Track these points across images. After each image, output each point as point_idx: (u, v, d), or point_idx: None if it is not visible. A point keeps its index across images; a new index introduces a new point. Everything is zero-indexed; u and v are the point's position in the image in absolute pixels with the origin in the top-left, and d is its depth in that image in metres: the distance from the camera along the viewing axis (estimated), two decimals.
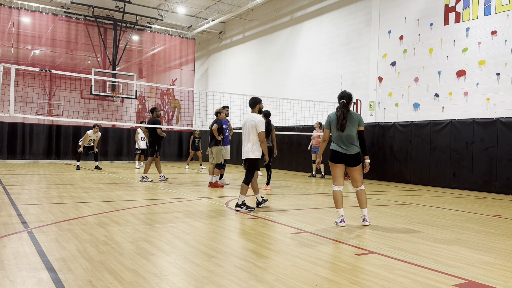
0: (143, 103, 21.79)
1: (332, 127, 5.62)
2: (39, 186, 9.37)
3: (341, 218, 5.57)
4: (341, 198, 5.62)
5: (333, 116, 5.63)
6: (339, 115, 5.52)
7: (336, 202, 5.62)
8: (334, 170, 5.66)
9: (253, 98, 6.92)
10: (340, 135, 5.56)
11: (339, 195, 5.60)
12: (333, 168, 5.67)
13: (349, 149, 5.57)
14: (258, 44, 19.64)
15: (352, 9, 14.68)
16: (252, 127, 6.66)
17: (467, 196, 9.63)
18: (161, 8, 20.46)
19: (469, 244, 4.67)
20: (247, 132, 6.72)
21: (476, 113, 10.85)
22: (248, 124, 6.73)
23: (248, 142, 6.70)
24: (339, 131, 5.53)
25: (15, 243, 4.22)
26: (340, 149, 5.57)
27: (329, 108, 14.88)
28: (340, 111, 5.53)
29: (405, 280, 3.34)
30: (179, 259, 3.82)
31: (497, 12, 10.52)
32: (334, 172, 5.66)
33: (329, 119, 5.68)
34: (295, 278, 3.35)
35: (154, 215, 6.07)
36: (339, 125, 5.51)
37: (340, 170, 5.63)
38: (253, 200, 7.55)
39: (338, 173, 5.63)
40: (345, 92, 5.68)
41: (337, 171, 5.64)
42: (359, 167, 5.62)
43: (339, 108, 5.56)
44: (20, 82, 16.30)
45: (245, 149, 6.73)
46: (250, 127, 6.68)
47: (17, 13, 17.86)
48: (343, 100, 5.56)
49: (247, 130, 6.72)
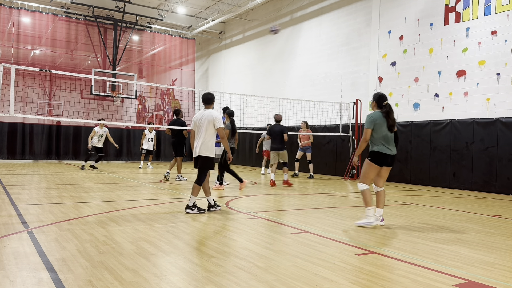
0: (143, 103, 21.79)
1: (378, 127, 5.50)
2: (39, 186, 9.37)
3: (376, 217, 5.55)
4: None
5: (377, 116, 5.52)
6: (389, 116, 5.50)
7: (369, 200, 5.52)
8: (373, 172, 5.58)
9: (209, 94, 6.62)
10: (387, 136, 5.52)
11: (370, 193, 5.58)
12: (374, 170, 5.57)
13: (393, 149, 5.62)
14: (258, 44, 19.64)
15: (352, 9, 14.68)
16: (209, 123, 6.36)
17: (467, 196, 9.63)
18: (161, 8, 20.46)
19: (469, 244, 4.67)
20: (203, 128, 6.37)
21: (476, 113, 10.85)
22: (204, 119, 6.39)
23: (200, 138, 6.38)
24: (389, 131, 5.50)
25: (15, 243, 4.22)
26: (388, 151, 5.53)
27: (329, 108, 14.88)
28: (390, 112, 5.52)
29: (405, 280, 3.34)
30: (179, 259, 3.82)
31: (497, 12, 10.52)
32: (372, 173, 5.58)
33: (372, 119, 5.52)
34: (295, 278, 3.35)
35: (154, 215, 6.07)
36: (390, 126, 5.48)
37: (377, 172, 5.60)
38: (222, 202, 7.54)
39: (374, 175, 5.61)
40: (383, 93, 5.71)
41: (375, 173, 5.59)
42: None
43: (387, 109, 5.53)
44: (20, 82, 16.30)
45: (197, 146, 6.40)
46: (207, 123, 6.36)
47: (17, 13, 17.86)
48: (387, 102, 5.58)
49: (203, 126, 6.37)
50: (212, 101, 6.59)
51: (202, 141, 6.36)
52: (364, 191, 5.56)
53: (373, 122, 5.51)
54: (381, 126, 5.50)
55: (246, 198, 8.30)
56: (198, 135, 6.42)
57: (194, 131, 6.51)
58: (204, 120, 6.39)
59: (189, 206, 6.34)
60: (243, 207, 7.03)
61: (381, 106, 5.62)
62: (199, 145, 6.38)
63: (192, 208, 6.34)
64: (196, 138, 6.45)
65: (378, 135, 5.51)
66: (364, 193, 5.57)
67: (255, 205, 7.30)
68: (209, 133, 6.39)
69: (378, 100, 5.65)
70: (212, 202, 6.58)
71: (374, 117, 5.53)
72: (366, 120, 5.59)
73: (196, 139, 6.45)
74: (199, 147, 6.37)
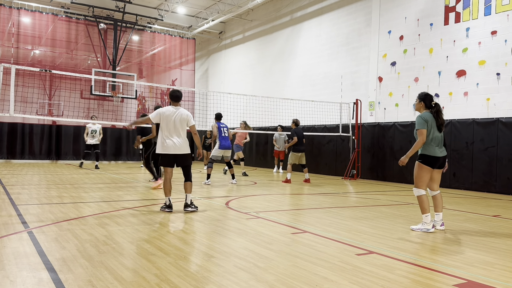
0: (143, 103, 21.79)
1: (430, 128, 5.29)
2: (39, 186, 9.37)
3: (432, 224, 5.34)
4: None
5: (428, 116, 5.33)
6: (439, 115, 5.34)
7: (426, 206, 5.29)
8: (427, 175, 5.35)
9: (178, 91, 6.57)
10: (438, 136, 5.34)
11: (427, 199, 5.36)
12: (427, 173, 5.34)
13: (443, 150, 5.43)
14: (258, 44, 19.64)
15: (352, 9, 14.68)
16: (184, 121, 6.38)
17: (467, 196, 9.63)
18: (161, 8, 20.46)
19: (469, 244, 4.67)
20: (179, 126, 6.33)
21: (476, 113, 10.85)
22: (178, 117, 6.34)
23: (180, 136, 6.36)
24: (438, 132, 5.33)
25: (15, 243, 4.22)
26: (440, 154, 5.34)
27: (329, 108, 14.88)
28: (439, 112, 5.37)
29: (405, 280, 3.34)
30: (179, 259, 3.82)
31: (497, 12, 10.52)
32: (426, 176, 5.34)
33: (424, 119, 5.30)
34: (295, 278, 3.35)
35: (154, 215, 6.07)
36: (439, 125, 5.31)
37: (430, 175, 5.38)
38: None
39: (428, 178, 5.38)
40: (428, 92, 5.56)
41: (428, 176, 5.36)
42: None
43: (437, 108, 5.37)
44: (20, 82, 16.29)
45: (178, 144, 6.32)
46: (181, 121, 6.36)
47: (17, 13, 17.85)
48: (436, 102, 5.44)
49: (178, 123, 6.32)
50: (180, 99, 6.57)
51: (182, 138, 6.38)
52: (421, 197, 5.33)
53: (426, 122, 5.28)
54: (432, 126, 5.31)
55: (246, 198, 8.31)
56: (173, 132, 6.32)
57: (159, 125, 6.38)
58: (178, 117, 6.34)
59: (188, 204, 6.43)
60: (243, 207, 7.03)
61: (429, 106, 5.43)
62: (181, 142, 6.34)
63: (191, 206, 6.44)
64: (170, 135, 6.31)
65: (429, 136, 5.31)
66: (421, 199, 5.33)
67: (255, 205, 7.30)
68: (185, 130, 6.47)
69: (425, 99, 5.45)
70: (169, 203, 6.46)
71: (426, 117, 5.31)
72: (418, 121, 5.32)
73: (171, 136, 6.31)
74: (181, 144, 6.34)
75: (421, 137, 5.28)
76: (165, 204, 6.47)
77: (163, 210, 6.42)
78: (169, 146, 6.30)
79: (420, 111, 5.53)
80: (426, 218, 5.28)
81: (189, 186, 6.53)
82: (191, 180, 6.57)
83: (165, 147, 6.31)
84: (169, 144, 6.30)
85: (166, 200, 6.46)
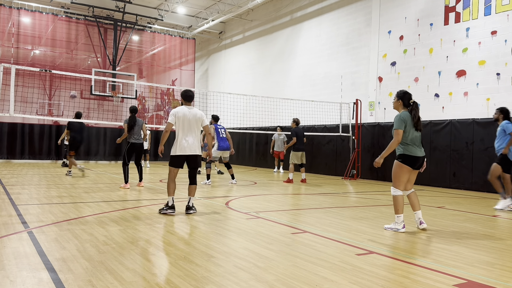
0: (143, 103, 21.79)
1: (409, 128, 5.25)
2: (39, 186, 9.37)
3: (403, 224, 5.31)
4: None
5: (406, 116, 5.26)
6: (415, 114, 5.26)
7: (400, 207, 5.28)
8: (406, 175, 5.32)
9: (191, 91, 6.44)
10: (417, 136, 5.31)
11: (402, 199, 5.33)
12: (406, 173, 5.31)
13: (422, 150, 5.39)
14: (258, 44, 19.64)
15: (352, 9, 14.68)
16: (198, 121, 6.25)
17: (467, 196, 9.63)
18: (161, 8, 20.47)
19: (469, 244, 4.67)
20: (194, 125, 6.20)
21: (476, 113, 10.85)
22: (193, 117, 6.21)
23: (196, 136, 6.25)
24: (417, 131, 5.29)
25: (15, 243, 4.21)
26: (419, 153, 5.30)
27: (329, 108, 14.89)
28: (416, 110, 5.29)
29: (405, 280, 3.34)
30: (179, 259, 3.82)
31: (497, 12, 10.52)
32: (404, 176, 5.32)
33: (402, 119, 5.24)
34: (295, 278, 3.35)
35: (154, 215, 6.06)
36: (415, 124, 5.25)
37: (409, 175, 5.36)
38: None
39: (407, 178, 5.36)
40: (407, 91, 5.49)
41: (407, 176, 5.34)
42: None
43: (415, 107, 5.30)
44: (20, 82, 16.28)
45: (192, 144, 6.19)
46: (196, 121, 6.23)
47: (17, 13, 17.86)
48: (414, 100, 5.37)
49: (194, 123, 6.20)
50: (192, 99, 6.48)
51: (196, 139, 6.26)
52: (397, 197, 5.31)
53: (403, 122, 5.23)
54: (411, 126, 5.27)
55: (246, 198, 8.31)
56: (188, 132, 6.19)
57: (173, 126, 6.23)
58: (192, 117, 6.21)
59: (190, 206, 6.32)
60: (243, 207, 7.03)
61: (407, 104, 5.37)
62: (195, 143, 6.23)
63: (192, 208, 6.33)
64: (185, 135, 6.18)
65: (408, 136, 5.26)
66: (396, 199, 5.31)
67: (255, 205, 7.30)
68: (199, 130, 6.35)
69: (403, 97, 5.40)
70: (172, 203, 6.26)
71: (404, 117, 5.26)
72: (396, 121, 5.28)
73: (186, 137, 6.18)
74: (195, 145, 6.23)
75: (396, 137, 5.25)
76: (167, 204, 6.26)
77: (164, 213, 6.17)
78: (184, 147, 6.17)
79: (398, 110, 5.46)
80: (398, 219, 5.30)
81: (194, 190, 6.38)
82: (196, 183, 6.43)
83: (182, 148, 6.18)
84: (184, 145, 6.17)
85: (169, 200, 6.23)
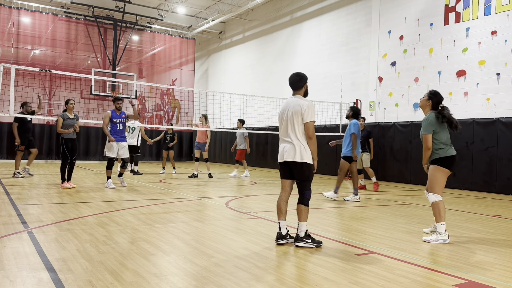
0: (143, 103, 21.79)
1: (443, 129, 4.95)
2: (39, 186, 9.37)
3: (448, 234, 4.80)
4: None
5: (434, 120, 4.91)
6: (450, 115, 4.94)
7: (443, 213, 4.77)
8: (445, 179, 4.91)
9: (300, 74, 4.68)
10: (448, 137, 4.99)
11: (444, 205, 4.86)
12: (445, 176, 4.92)
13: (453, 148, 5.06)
14: (258, 44, 19.64)
15: (352, 9, 14.68)
16: (295, 115, 4.42)
17: (467, 196, 9.63)
18: (161, 8, 20.47)
19: (469, 244, 4.67)
20: (289, 123, 4.47)
21: (476, 113, 10.85)
22: (290, 110, 4.48)
23: (292, 137, 4.44)
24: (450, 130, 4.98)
25: (15, 243, 4.21)
26: (454, 152, 4.96)
27: (329, 108, 14.88)
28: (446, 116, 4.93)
29: (405, 280, 3.34)
30: (179, 259, 3.82)
31: (497, 12, 10.52)
32: (444, 181, 4.91)
33: (431, 123, 4.91)
34: (295, 278, 3.35)
35: (154, 215, 6.06)
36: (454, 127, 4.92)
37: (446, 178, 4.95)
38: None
39: (445, 182, 4.93)
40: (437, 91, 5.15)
41: (445, 180, 4.92)
42: None
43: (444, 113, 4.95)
44: (20, 82, 16.28)
45: (288, 148, 4.45)
46: (292, 115, 4.45)
47: (17, 13, 17.86)
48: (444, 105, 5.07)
49: (289, 119, 4.48)
50: (302, 84, 4.65)
51: (294, 141, 4.44)
52: (439, 203, 4.79)
53: (432, 126, 4.92)
54: (441, 127, 4.95)
55: (246, 198, 8.31)
56: (285, 133, 4.53)
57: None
58: (289, 111, 4.49)
59: (301, 237, 4.39)
60: (243, 207, 7.03)
61: (435, 107, 5.05)
62: (291, 147, 4.44)
63: (304, 240, 4.37)
64: (284, 137, 4.57)
65: (443, 137, 4.95)
66: (438, 206, 4.78)
67: (255, 205, 7.30)
68: (299, 128, 4.44)
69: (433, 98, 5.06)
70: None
71: (433, 120, 4.92)
72: (424, 125, 4.95)
73: (284, 138, 4.57)
74: (294, 149, 4.41)
75: (425, 144, 4.96)
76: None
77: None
78: (287, 152, 4.49)
79: (424, 109, 5.15)
80: (442, 227, 4.72)
81: (303, 211, 4.50)
82: (305, 202, 4.50)
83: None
84: (287, 151, 4.50)
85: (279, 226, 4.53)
